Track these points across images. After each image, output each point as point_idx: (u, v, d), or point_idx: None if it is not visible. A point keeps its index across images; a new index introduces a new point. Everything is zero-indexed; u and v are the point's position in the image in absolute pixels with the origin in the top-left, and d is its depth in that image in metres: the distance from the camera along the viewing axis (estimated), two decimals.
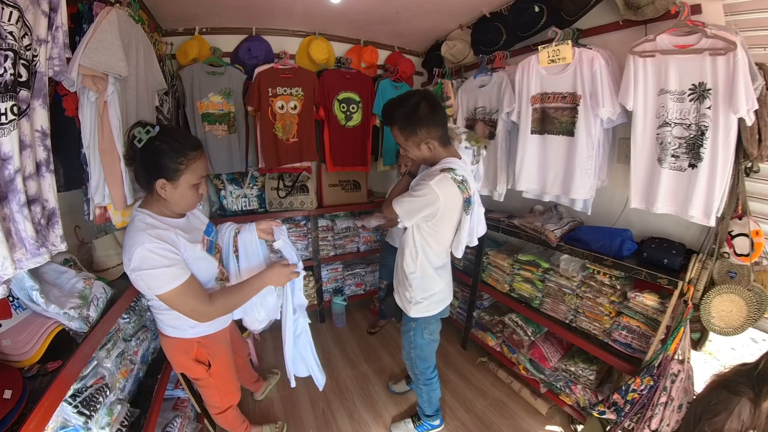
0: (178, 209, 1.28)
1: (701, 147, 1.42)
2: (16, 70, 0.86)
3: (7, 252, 0.80)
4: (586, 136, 1.75)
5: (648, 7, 1.58)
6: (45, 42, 1.02)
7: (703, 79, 1.38)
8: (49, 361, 0.95)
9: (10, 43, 0.84)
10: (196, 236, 1.34)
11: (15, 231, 0.86)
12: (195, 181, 1.22)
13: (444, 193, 1.36)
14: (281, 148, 2.51)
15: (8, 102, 0.83)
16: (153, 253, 1.10)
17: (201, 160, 1.23)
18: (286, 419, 2.09)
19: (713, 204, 1.43)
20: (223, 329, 1.54)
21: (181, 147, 1.18)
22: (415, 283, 1.58)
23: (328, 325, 3.10)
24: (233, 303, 1.32)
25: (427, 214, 1.41)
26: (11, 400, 0.78)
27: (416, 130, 1.40)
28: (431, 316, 1.67)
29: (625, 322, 1.72)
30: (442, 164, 1.42)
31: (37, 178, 0.95)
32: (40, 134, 0.97)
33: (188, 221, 1.36)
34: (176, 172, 1.17)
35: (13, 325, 0.98)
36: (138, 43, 1.54)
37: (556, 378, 2.06)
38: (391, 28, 2.60)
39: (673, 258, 1.58)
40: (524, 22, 1.99)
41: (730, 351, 1.73)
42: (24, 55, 0.91)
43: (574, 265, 1.92)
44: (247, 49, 2.41)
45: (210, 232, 1.46)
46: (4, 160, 0.82)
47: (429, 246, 1.52)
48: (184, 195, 1.22)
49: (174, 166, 1.16)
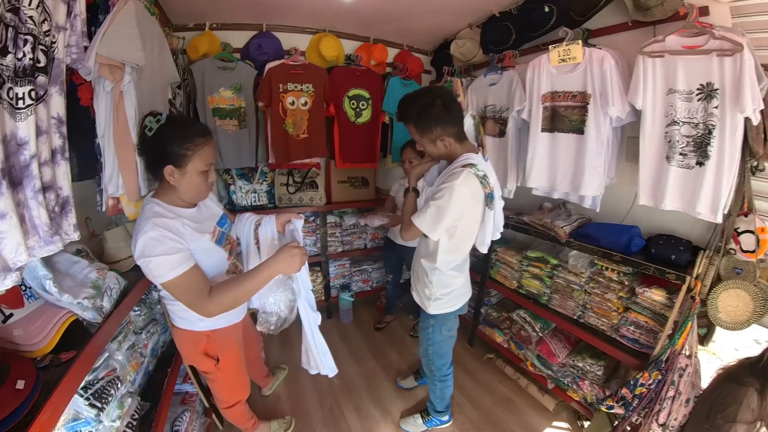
0: (188, 197, 1.27)
1: (708, 145, 1.45)
2: (34, 55, 0.86)
3: (21, 238, 0.79)
4: (596, 134, 1.77)
5: (657, 9, 1.60)
6: (63, 29, 1.02)
7: (711, 79, 1.40)
8: (61, 352, 0.94)
9: (30, 27, 0.84)
10: (206, 227, 1.32)
11: (29, 217, 0.85)
12: (203, 167, 1.21)
13: (470, 190, 1.36)
14: (291, 144, 2.52)
15: (26, 86, 0.82)
16: (154, 241, 1.09)
17: (209, 147, 1.22)
18: (294, 414, 2.08)
19: (720, 201, 1.45)
20: (234, 324, 1.52)
21: (188, 133, 1.18)
22: (434, 280, 1.58)
23: (335, 321, 3.10)
24: (235, 297, 1.19)
25: (455, 218, 1.40)
26: (24, 390, 0.77)
27: (431, 127, 1.41)
28: (449, 313, 1.67)
29: (633, 318, 1.74)
30: (462, 160, 1.42)
31: (52, 165, 0.94)
32: (56, 121, 0.96)
33: (199, 211, 1.34)
34: (183, 157, 1.16)
35: (25, 314, 0.96)
36: (153, 34, 1.54)
37: (563, 374, 2.08)
38: (400, 27, 2.62)
39: (680, 254, 1.60)
40: (534, 21, 2.01)
41: (733, 352, 1.75)
42: (43, 41, 0.90)
43: (582, 261, 1.94)
44: (257, 45, 2.42)
45: (223, 224, 1.44)
46: (20, 145, 0.82)
47: (449, 243, 1.51)
48: (192, 182, 1.21)
49: (181, 151, 1.16)
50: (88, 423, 1.07)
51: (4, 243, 0.75)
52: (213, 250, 1.30)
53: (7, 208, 0.75)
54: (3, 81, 0.76)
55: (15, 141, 0.81)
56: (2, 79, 0.76)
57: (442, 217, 1.37)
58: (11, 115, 0.79)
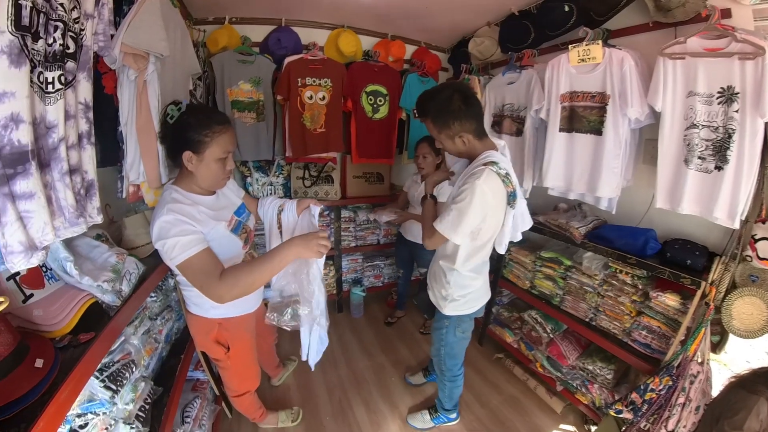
0: (205, 184, 1.29)
1: (728, 150, 1.43)
2: (64, 41, 0.88)
3: (48, 218, 0.80)
4: (614, 135, 1.75)
5: (678, 10, 1.58)
6: (92, 17, 1.04)
7: (732, 82, 1.38)
8: (79, 333, 0.95)
9: (61, 14, 0.85)
10: (223, 215, 1.34)
11: (55, 199, 0.87)
12: (220, 155, 1.23)
13: (492, 189, 1.32)
14: (308, 138, 2.54)
15: (56, 71, 0.84)
16: (168, 224, 1.12)
17: (227, 135, 1.24)
18: (302, 406, 2.11)
19: (738, 206, 1.43)
20: (246, 314, 1.53)
21: (207, 120, 1.20)
22: (452, 281, 1.56)
23: (346, 315, 3.12)
24: (248, 281, 1.12)
25: (478, 220, 1.36)
26: (42, 369, 0.78)
27: (449, 123, 1.37)
28: (465, 315, 1.65)
29: (646, 322, 1.73)
30: (483, 158, 1.37)
31: (78, 148, 0.96)
32: (83, 106, 0.99)
33: (217, 200, 1.37)
34: (201, 144, 1.19)
35: (45, 295, 0.98)
36: (176, 26, 1.56)
37: (572, 376, 2.06)
38: (419, 23, 2.61)
39: (696, 259, 1.58)
40: (553, 20, 1.99)
41: (744, 364, 1.72)
42: (72, 28, 0.92)
43: (596, 263, 1.93)
44: (276, 39, 2.44)
45: (241, 213, 1.45)
46: (48, 128, 0.83)
47: (471, 245, 1.48)
48: (210, 169, 1.24)
49: (199, 138, 1.18)
50: (103, 405, 1.07)
51: (31, 222, 0.77)
52: (228, 238, 1.31)
53: (36, 188, 0.76)
54: (34, 65, 0.78)
55: (44, 124, 0.83)
56: (33, 63, 0.77)
57: (465, 220, 1.33)
58: (41, 99, 0.81)
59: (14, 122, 0.72)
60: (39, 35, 0.79)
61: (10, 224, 0.72)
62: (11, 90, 0.70)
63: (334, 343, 2.71)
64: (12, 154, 0.72)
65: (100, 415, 1.05)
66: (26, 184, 0.75)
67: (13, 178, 0.73)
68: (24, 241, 0.74)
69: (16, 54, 0.70)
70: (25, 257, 0.75)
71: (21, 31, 0.71)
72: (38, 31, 0.78)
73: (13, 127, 0.72)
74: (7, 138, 0.71)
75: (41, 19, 0.80)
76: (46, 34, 0.82)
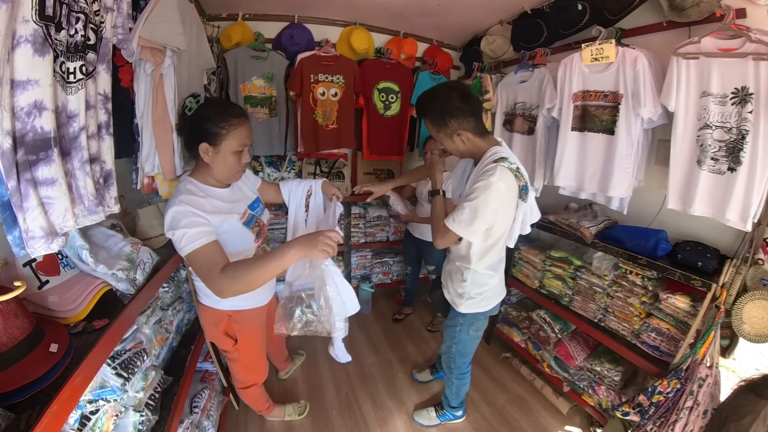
0: (221, 177, 1.30)
1: (741, 151, 1.41)
2: (85, 33, 0.90)
3: (69, 204, 0.82)
4: (626, 135, 1.74)
5: (692, 9, 1.56)
6: (111, 10, 1.06)
7: (746, 83, 1.37)
8: (93, 320, 0.96)
9: (82, 6, 0.88)
10: (237, 208, 1.35)
11: (75, 187, 0.89)
12: (236, 147, 1.24)
13: (506, 185, 1.30)
14: (320, 134, 2.56)
15: (78, 62, 0.86)
16: (179, 214, 1.13)
17: (243, 128, 1.25)
18: (309, 400, 2.12)
19: (750, 209, 1.42)
20: (258, 307, 1.54)
21: (224, 113, 1.22)
22: (469, 279, 1.55)
23: None
24: (251, 277, 1.08)
25: (492, 217, 1.34)
26: (57, 353, 0.80)
27: (446, 122, 1.36)
28: (480, 313, 1.65)
29: (655, 324, 1.71)
30: (491, 155, 1.36)
31: (97, 138, 0.99)
32: (103, 97, 1.01)
33: (232, 192, 1.38)
34: (218, 136, 1.20)
35: (60, 282, 0.99)
36: (192, 21, 1.58)
37: (580, 377, 2.06)
38: (431, 21, 2.61)
39: (707, 261, 1.57)
40: (566, 19, 1.98)
41: (753, 371, 1.70)
42: (93, 20, 0.94)
43: (606, 263, 1.91)
44: (289, 35, 2.46)
45: (255, 207, 1.47)
46: (70, 117, 0.85)
47: (484, 244, 1.47)
48: (226, 161, 1.24)
49: (216, 130, 1.20)
50: (114, 392, 1.07)
51: (52, 208, 0.79)
52: (240, 230, 1.33)
53: (58, 175, 0.78)
54: (57, 55, 0.79)
55: (66, 113, 0.85)
56: (56, 53, 0.79)
57: (479, 217, 1.30)
58: (63, 88, 0.83)
59: (38, 109, 0.73)
60: (62, 26, 0.81)
61: (31, 210, 0.73)
62: (35, 78, 0.72)
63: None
64: (35, 141, 0.73)
65: (111, 402, 1.06)
66: (48, 171, 0.76)
67: (36, 165, 0.74)
68: (45, 226, 0.76)
69: (40, 43, 0.72)
70: (45, 243, 0.77)
71: (45, 20, 0.73)
72: (61, 22, 0.80)
73: (37, 114, 0.73)
74: (30, 125, 0.72)
75: (64, 10, 0.82)
76: (68, 25, 0.84)
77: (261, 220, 1.48)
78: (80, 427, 0.95)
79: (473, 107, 1.37)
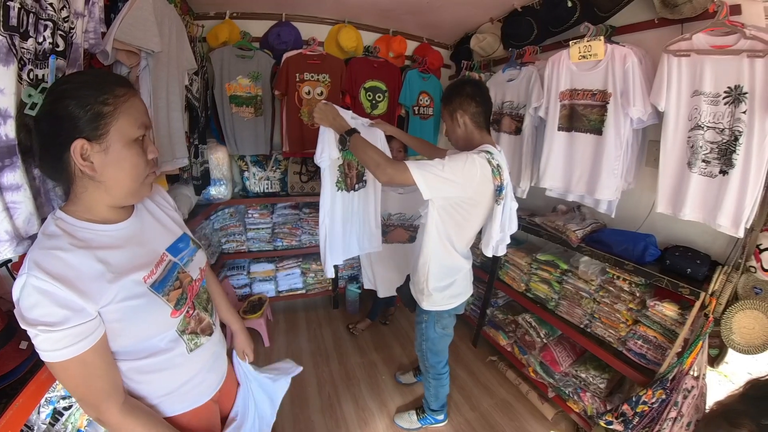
0: (121, 192, 0.77)
1: (734, 153, 1.35)
2: (54, 40, 0.92)
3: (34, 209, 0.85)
4: (615, 135, 1.69)
5: (685, 6, 1.49)
6: (82, 16, 1.07)
7: (740, 81, 1.31)
8: None
9: (50, 13, 0.89)
10: (143, 255, 0.82)
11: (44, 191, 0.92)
12: (134, 132, 0.75)
13: (482, 171, 1.32)
14: (306, 133, 2.54)
15: (46, 69, 0.88)
16: (29, 297, 0.65)
17: (137, 100, 0.78)
18: (292, 400, 2.12)
19: (743, 213, 1.35)
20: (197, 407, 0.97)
21: (100, 81, 0.73)
22: (431, 276, 1.55)
23: (341, 311, 3.13)
24: None
25: (458, 188, 1.33)
26: (26, 350, 0.83)
27: (452, 99, 1.47)
28: (444, 311, 1.64)
29: (642, 332, 1.66)
30: (480, 147, 1.40)
31: None
32: None
33: (139, 227, 0.86)
34: (100, 118, 0.70)
35: None
36: (171, 21, 1.58)
37: (565, 383, 2.02)
38: (421, 19, 2.57)
39: (697, 268, 1.51)
40: (557, 16, 1.93)
41: (746, 375, 1.64)
42: (62, 26, 0.96)
43: (593, 268, 1.86)
44: (276, 34, 2.45)
45: (181, 248, 0.94)
46: None
47: (451, 235, 1.47)
48: (123, 159, 0.74)
49: (95, 109, 0.69)
50: None
51: (18, 213, 0.81)
52: (145, 301, 0.78)
53: (22, 181, 0.81)
54: (24, 63, 0.81)
55: None
56: (23, 61, 0.81)
57: (442, 175, 1.27)
58: None
59: (2, 117, 0.76)
60: (28, 34, 0.83)
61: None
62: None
63: (328, 339, 2.73)
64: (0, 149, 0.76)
65: None
66: (13, 177, 0.79)
67: (1, 171, 0.77)
68: (10, 230, 0.78)
69: (4, 53, 0.74)
70: (11, 246, 0.79)
71: (9, 31, 0.76)
72: (28, 31, 0.82)
73: (1, 122, 0.76)
74: None
75: (31, 18, 0.83)
76: (36, 32, 0.86)
77: (188, 273, 0.92)
78: (53, 422, 0.97)
79: (481, 99, 1.46)
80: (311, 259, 3.02)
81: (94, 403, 0.74)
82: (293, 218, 2.90)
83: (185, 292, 0.88)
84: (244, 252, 2.84)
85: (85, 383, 0.72)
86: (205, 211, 2.34)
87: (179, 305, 0.85)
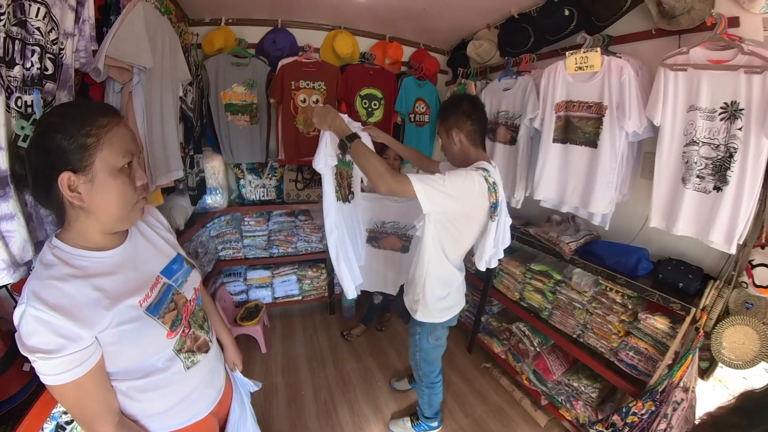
0: (110, 219, 0.79)
1: (728, 170, 1.34)
2: (42, 64, 0.92)
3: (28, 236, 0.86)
4: (610, 148, 1.68)
5: (683, 17, 1.48)
6: (72, 35, 1.06)
7: (737, 98, 1.29)
8: None
9: (38, 38, 0.89)
10: (138, 280, 0.84)
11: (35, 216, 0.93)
12: (119, 161, 0.75)
13: (479, 186, 1.32)
14: (301, 141, 2.54)
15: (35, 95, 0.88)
16: (27, 325, 0.67)
17: (121, 128, 0.77)
18: (288, 405, 2.15)
19: (736, 230, 1.35)
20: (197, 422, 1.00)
21: (82, 113, 0.74)
22: (426, 288, 1.55)
23: (337, 317, 3.14)
24: None
25: (457, 204, 1.33)
26: (29, 372, 0.84)
27: (448, 116, 1.48)
28: (438, 323, 1.65)
29: (633, 343, 1.68)
30: (476, 165, 1.39)
31: None
32: None
33: (132, 251, 0.87)
34: (84, 150, 0.71)
35: None
36: (164, 34, 1.57)
37: (558, 391, 2.04)
38: (418, 25, 2.55)
39: (689, 282, 1.52)
40: (553, 24, 1.91)
41: (741, 380, 1.66)
42: (50, 50, 0.95)
43: (586, 279, 1.87)
44: (272, 41, 2.43)
45: (175, 269, 0.97)
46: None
47: (446, 248, 1.47)
48: (109, 188, 0.75)
49: (79, 141, 0.71)
50: None
51: (12, 241, 0.82)
52: (141, 325, 0.80)
53: (16, 210, 0.82)
54: (11, 91, 0.82)
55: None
56: (10, 89, 0.81)
57: (443, 189, 1.27)
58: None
59: None
60: (15, 62, 0.83)
61: None
62: None
63: (324, 344, 2.75)
64: None
65: None
66: (6, 207, 0.81)
67: None
68: (6, 258, 0.80)
69: None
70: (8, 273, 0.81)
71: None
72: (14, 58, 0.82)
73: None
74: None
75: (17, 45, 0.83)
76: (23, 59, 0.85)
77: (182, 294, 0.95)
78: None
79: (477, 117, 1.47)
80: (307, 265, 3.03)
81: (89, 424, 0.77)
82: (289, 225, 2.91)
83: (180, 313, 0.91)
84: (241, 259, 2.86)
85: (81, 405, 0.76)
86: (202, 220, 2.36)
87: (174, 326, 0.87)
